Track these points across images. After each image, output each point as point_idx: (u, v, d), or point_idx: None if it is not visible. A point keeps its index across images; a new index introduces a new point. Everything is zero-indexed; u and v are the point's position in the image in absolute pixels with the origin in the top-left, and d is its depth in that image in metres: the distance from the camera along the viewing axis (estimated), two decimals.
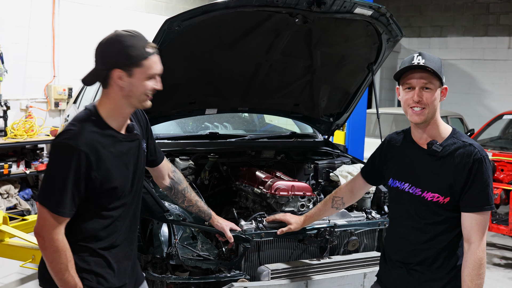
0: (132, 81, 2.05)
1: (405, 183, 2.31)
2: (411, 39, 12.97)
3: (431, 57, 2.20)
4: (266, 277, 2.93)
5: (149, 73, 2.06)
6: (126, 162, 2.13)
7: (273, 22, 3.25)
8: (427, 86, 2.18)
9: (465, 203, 2.19)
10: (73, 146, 1.97)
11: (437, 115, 2.25)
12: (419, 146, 2.30)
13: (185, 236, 3.03)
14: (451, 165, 2.19)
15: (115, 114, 2.10)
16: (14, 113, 7.31)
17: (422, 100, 2.18)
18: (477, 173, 2.16)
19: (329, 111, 4.25)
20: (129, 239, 2.26)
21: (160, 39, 2.97)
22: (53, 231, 2.00)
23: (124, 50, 2.03)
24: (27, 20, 7.40)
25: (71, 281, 2.04)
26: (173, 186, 2.61)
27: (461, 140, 2.23)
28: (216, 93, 3.76)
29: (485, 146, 7.23)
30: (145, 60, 2.04)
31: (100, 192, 2.06)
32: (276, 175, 3.66)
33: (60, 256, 2.02)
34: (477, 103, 12.10)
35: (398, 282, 2.37)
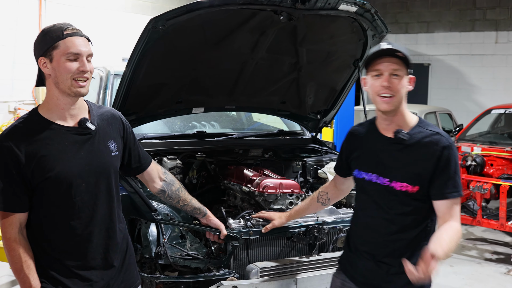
0: (54, 66, 2.04)
1: (372, 173, 2.29)
2: (398, 35, 13.02)
3: (399, 46, 2.21)
4: (255, 275, 2.92)
5: (67, 52, 2.02)
6: (68, 154, 2.08)
7: (258, 20, 3.24)
8: (396, 72, 2.17)
9: (435, 191, 2.20)
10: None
11: (404, 104, 2.24)
12: (385, 136, 2.30)
13: (173, 235, 3.03)
14: (419, 153, 2.20)
15: (52, 107, 2.09)
16: (2, 115, 7.31)
17: (392, 86, 2.17)
18: (446, 161, 2.17)
19: (316, 108, 4.25)
20: (103, 248, 2.18)
21: (145, 39, 2.96)
22: (5, 229, 2.03)
23: (42, 38, 2.06)
24: (14, 22, 7.40)
25: (26, 281, 2.04)
26: (166, 188, 2.56)
27: (428, 129, 2.24)
28: (202, 92, 3.75)
29: (474, 141, 7.28)
30: (61, 40, 2.03)
31: (40, 183, 2.03)
32: (264, 173, 3.66)
33: (14, 256, 2.03)
34: (466, 98, 12.16)
35: (365, 273, 2.34)
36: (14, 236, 2.03)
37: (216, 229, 2.83)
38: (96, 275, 2.16)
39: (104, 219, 2.18)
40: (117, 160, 2.26)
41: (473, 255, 6.18)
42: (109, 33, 8.41)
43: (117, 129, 2.28)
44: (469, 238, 6.83)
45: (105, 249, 2.19)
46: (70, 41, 2.03)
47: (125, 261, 2.30)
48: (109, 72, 4.52)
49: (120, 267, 2.26)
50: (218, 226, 2.82)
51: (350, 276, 2.41)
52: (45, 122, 2.08)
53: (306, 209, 2.84)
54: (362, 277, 2.36)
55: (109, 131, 2.23)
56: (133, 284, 2.34)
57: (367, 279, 2.34)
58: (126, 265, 2.30)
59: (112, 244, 2.22)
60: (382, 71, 2.18)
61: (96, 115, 2.21)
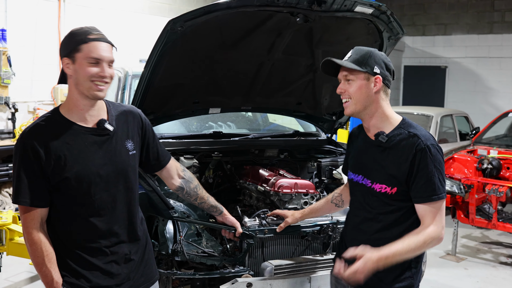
0: (75, 67, 2.11)
1: (359, 175, 2.36)
2: (415, 37, 12.97)
3: (358, 50, 2.28)
4: (270, 272, 2.97)
5: (89, 56, 2.09)
6: (87, 154, 2.14)
7: (275, 21, 3.27)
8: (348, 78, 2.26)
9: (413, 194, 2.21)
10: (19, 140, 2.09)
11: (382, 106, 2.27)
12: (368, 138, 2.35)
13: (190, 233, 3.08)
14: (395, 156, 2.22)
15: (72, 107, 2.16)
16: (22, 115, 7.40)
17: (345, 91, 2.26)
18: (420, 164, 2.17)
19: (331, 110, 4.27)
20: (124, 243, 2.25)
21: (163, 40, 3.01)
22: (27, 224, 2.10)
23: (68, 39, 2.13)
24: (34, 24, 7.50)
25: (48, 275, 2.11)
26: (184, 186, 2.61)
27: (407, 131, 2.24)
28: (219, 93, 3.79)
29: (490, 144, 7.23)
30: (85, 44, 2.09)
31: (59, 182, 2.09)
32: (279, 173, 3.70)
33: (36, 250, 2.09)
34: (483, 101, 12.08)
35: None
36: (36, 231, 2.10)
37: (232, 227, 2.87)
38: (117, 268, 2.23)
39: (124, 216, 2.25)
40: (135, 159, 2.31)
41: (488, 258, 6.16)
42: (127, 35, 8.50)
43: (136, 127, 2.34)
44: (484, 241, 6.80)
45: (125, 243, 2.26)
46: (93, 45, 2.10)
47: (145, 256, 2.36)
48: (127, 73, 4.59)
49: (140, 261, 2.32)
50: (233, 224, 2.86)
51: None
52: (65, 122, 2.15)
53: (320, 209, 2.86)
54: None
55: (127, 130, 2.29)
56: (152, 278, 2.41)
57: None
58: (145, 259, 2.36)
59: (132, 239, 2.29)
60: (340, 78, 2.31)
61: (114, 115, 2.27)
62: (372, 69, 2.24)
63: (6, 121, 7.23)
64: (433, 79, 12.79)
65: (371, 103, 2.26)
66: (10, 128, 7.14)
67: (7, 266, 4.79)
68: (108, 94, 4.73)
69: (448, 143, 8.28)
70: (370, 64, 2.24)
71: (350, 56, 2.27)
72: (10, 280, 4.90)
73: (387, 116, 2.29)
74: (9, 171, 6.60)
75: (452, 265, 5.87)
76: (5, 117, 7.20)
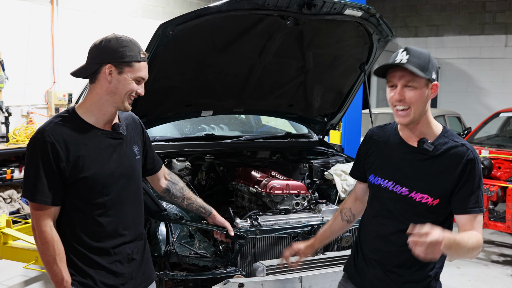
0: (120, 78, 2.14)
1: (389, 181, 2.18)
2: (408, 39, 13.03)
3: (417, 52, 2.06)
4: (261, 273, 3.00)
5: (137, 75, 2.16)
6: (103, 156, 2.19)
7: (265, 24, 3.31)
8: (410, 84, 2.03)
9: (456, 205, 2.10)
10: (39, 138, 2.10)
11: (427, 113, 2.11)
12: (407, 144, 2.17)
13: (182, 234, 3.11)
14: (443, 165, 2.08)
15: (94, 109, 2.19)
16: (16, 119, 7.38)
17: (405, 99, 2.04)
18: (470, 174, 2.06)
19: (323, 111, 4.32)
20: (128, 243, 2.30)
21: (155, 44, 3.04)
22: (40, 222, 2.11)
23: (120, 48, 2.14)
24: (27, 27, 7.48)
25: (58, 274, 2.13)
26: (171, 187, 2.66)
27: (453, 140, 2.11)
28: (211, 95, 3.82)
29: (482, 144, 7.28)
30: (137, 63, 2.16)
31: (75, 181, 2.12)
32: (271, 174, 3.73)
33: (48, 248, 2.11)
34: (475, 102, 12.14)
35: (374, 282, 2.27)
36: (48, 229, 2.12)
37: (223, 228, 2.89)
38: (121, 268, 2.27)
39: (129, 217, 2.31)
40: (140, 163, 2.39)
41: (480, 257, 6.19)
42: None
43: (139, 133, 2.41)
44: None
45: (129, 244, 2.30)
46: (143, 66, 2.19)
47: (144, 255, 2.42)
48: None
49: (141, 260, 2.38)
50: (224, 225, 2.88)
51: (357, 284, 2.35)
52: (83, 124, 2.18)
53: (332, 231, 2.56)
54: (370, 286, 2.29)
55: (133, 135, 2.36)
56: (150, 276, 2.46)
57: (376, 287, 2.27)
58: (145, 258, 2.42)
59: (135, 240, 2.34)
60: (395, 82, 2.07)
61: (123, 120, 2.34)
62: (431, 75, 2.06)
63: (0, 125, 7.23)
64: None
65: (424, 111, 2.09)
66: (4, 132, 7.12)
67: (1, 270, 4.79)
68: None
69: None
70: (430, 70, 2.06)
71: (409, 60, 2.03)
72: (4, 284, 4.89)
73: (430, 123, 2.14)
74: (3, 175, 6.60)
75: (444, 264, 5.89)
76: None
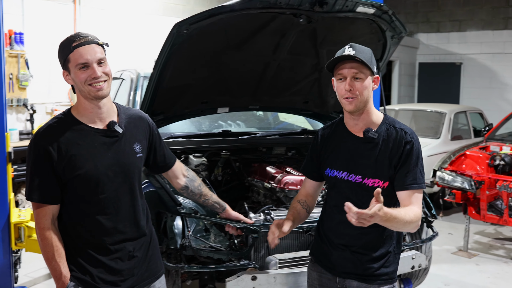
0: (72, 76, 2.20)
1: (343, 171, 2.39)
2: (430, 34, 12.92)
3: (361, 48, 2.30)
4: (274, 266, 3.06)
5: (77, 63, 2.17)
6: (96, 154, 2.23)
7: (278, 22, 3.35)
8: (357, 76, 2.27)
9: (396, 183, 2.32)
10: (33, 140, 2.20)
11: (370, 103, 2.35)
12: (354, 135, 2.40)
13: (198, 228, 3.18)
14: (387, 150, 2.32)
15: (82, 110, 2.26)
16: (40, 116, 7.56)
17: (354, 89, 2.27)
18: (408, 154, 2.30)
19: (338, 108, 4.33)
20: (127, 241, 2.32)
21: (170, 43, 3.11)
22: (39, 219, 2.19)
23: (59, 53, 2.22)
24: (50, 26, 7.64)
25: (57, 269, 2.20)
26: (189, 184, 2.69)
27: (393, 126, 2.36)
28: (227, 93, 3.88)
29: (503, 141, 7.21)
30: (71, 53, 2.17)
31: (69, 180, 2.19)
32: (286, 170, 3.79)
33: (47, 245, 2.19)
34: (498, 97, 11.99)
35: (341, 262, 2.44)
36: (47, 227, 2.20)
37: (237, 222, 2.96)
38: (121, 265, 2.30)
39: (128, 214, 2.33)
40: (141, 161, 2.41)
41: (500, 254, 6.16)
42: (142, 36, 8.63)
43: (144, 131, 2.43)
44: (496, 237, 6.80)
45: (129, 241, 2.33)
46: (77, 52, 2.17)
47: (149, 252, 2.43)
48: (139, 74, 4.72)
49: (144, 257, 2.39)
50: (238, 218, 2.94)
51: (326, 267, 2.50)
52: (77, 124, 2.24)
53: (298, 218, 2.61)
54: (338, 267, 2.45)
55: (136, 133, 2.38)
56: (157, 273, 2.48)
57: (344, 267, 2.44)
58: (149, 255, 2.43)
59: (136, 237, 2.36)
60: (345, 75, 2.29)
61: (124, 118, 2.36)
62: (374, 68, 2.33)
63: (25, 122, 7.41)
64: (448, 75, 12.73)
65: (368, 101, 2.35)
66: (29, 129, 7.31)
67: (27, 262, 4.91)
68: (121, 95, 4.88)
69: (462, 139, 8.27)
70: (373, 63, 2.32)
71: (355, 54, 2.26)
72: (29, 275, 5.03)
73: (372, 113, 2.38)
74: None
75: (463, 261, 5.89)
76: (23, 118, 7.38)
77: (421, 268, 3.54)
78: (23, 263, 4.55)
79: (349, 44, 2.32)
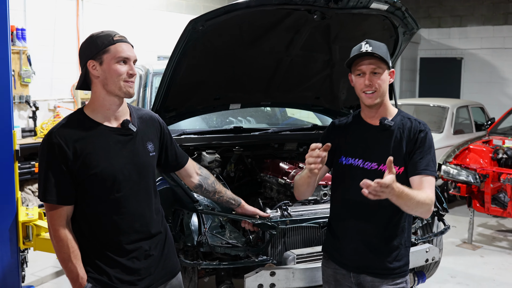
0: (104, 68, 2.18)
1: (359, 159, 2.44)
2: (431, 29, 12.94)
3: (377, 44, 2.39)
4: (292, 261, 3.08)
5: (117, 56, 2.18)
6: (111, 153, 2.21)
7: (293, 19, 3.35)
8: (376, 71, 2.37)
9: (409, 169, 2.38)
10: (47, 140, 2.16)
11: (386, 97, 2.45)
12: (371, 125, 2.48)
13: (214, 225, 3.19)
14: (403, 137, 2.41)
15: (98, 107, 2.23)
16: (43, 113, 7.52)
17: (373, 84, 2.37)
18: (421, 142, 2.39)
19: (349, 103, 4.35)
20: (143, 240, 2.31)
21: (185, 39, 3.10)
22: (54, 221, 2.17)
23: (92, 43, 2.21)
24: (53, 22, 7.61)
25: (74, 270, 2.19)
26: (203, 182, 2.69)
27: (407, 117, 2.47)
28: (239, 89, 3.88)
29: (505, 134, 7.27)
30: (112, 46, 2.19)
31: (85, 179, 2.17)
32: (299, 166, 3.80)
33: (63, 246, 2.17)
34: (499, 92, 12.03)
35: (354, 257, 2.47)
36: (62, 228, 2.18)
37: (254, 218, 2.97)
38: (138, 264, 2.29)
39: (144, 213, 2.32)
40: (154, 160, 2.40)
41: (504, 246, 6.22)
42: (145, 32, 8.61)
43: (155, 131, 2.43)
44: (500, 229, 6.86)
45: (145, 240, 2.32)
46: (120, 46, 2.20)
47: (164, 250, 2.42)
48: (148, 71, 4.70)
49: (160, 256, 2.39)
50: (254, 212, 2.95)
51: (340, 263, 2.54)
52: (91, 122, 2.22)
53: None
54: (352, 262, 2.49)
55: (148, 132, 2.38)
56: (173, 270, 2.48)
57: (357, 262, 2.48)
58: (165, 254, 2.43)
59: (151, 236, 2.35)
60: (364, 70, 2.38)
61: (136, 118, 2.36)
62: (390, 63, 2.43)
63: (27, 119, 7.36)
64: (449, 70, 12.76)
65: (385, 94, 2.44)
66: (32, 126, 7.27)
67: (34, 261, 4.90)
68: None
69: (464, 134, 8.30)
70: (388, 58, 2.42)
71: (373, 50, 2.35)
72: (36, 275, 5.02)
73: (388, 105, 2.48)
74: (31, 169, 6.72)
75: (468, 253, 5.94)
76: (26, 115, 7.33)
77: (434, 261, 3.57)
78: (30, 262, 4.55)
79: (365, 40, 2.41)
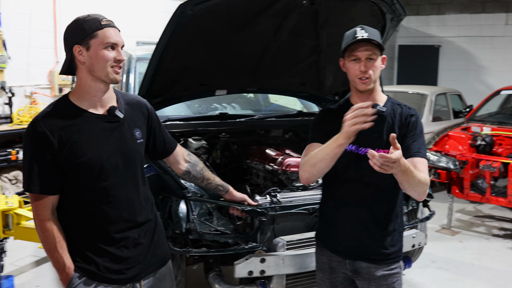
0: (90, 54, 2.12)
1: (352, 145, 2.41)
2: (410, 17, 12.97)
3: (372, 30, 2.39)
4: (282, 248, 3.07)
5: (105, 42, 2.12)
6: (99, 140, 2.16)
7: (281, 4, 3.32)
8: (371, 57, 2.36)
9: (402, 151, 2.29)
10: (31, 129, 2.10)
11: (378, 83, 2.46)
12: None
13: (202, 212, 3.17)
14: (394, 121, 2.43)
15: (84, 94, 2.17)
16: (19, 99, 7.36)
17: (368, 70, 2.37)
18: (412, 126, 2.42)
19: (334, 90, 4.35)
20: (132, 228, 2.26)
21: (174, 23, 3.05)
22: (39, 211, 2.13)
23: (79, 27, 2.14)
24: (29, 6, 7.43)
25: (60, 260, 2.15)
26: (191, 169, 2.66)
27: (397, 103, 2.50)
28: (225, 75, 3.84)
29: (483, 121, 7.38)
30: (100, 31, 2.12)
31: (72, 168, 2.12)
32: (285, 152, 3.79)
33: (48, 236, 2.13)
34: (476, 80, 12.18)
35: (349, 243, 2.48)
36: (47, 218, 2.13)
37: (242, 204, 2.95)
38: (126, 253, 2.25)
39: (132, 201, 2.27)
40: (142, 147, 2.35)
41: (481, 231, 6.35)
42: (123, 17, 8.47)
43: (142, 116, 2.37)
44: (477, 215, 6.98)
45: (133, 229, 2.28)
46: (108, 31, 2.13)
47: (154, 238, 2.38)
48: (131, 56, 4.61)
49: (149, 244, 2.35)
50: (243, 198, 2.94)
51: (334, 250, 2.53)
52: (76, 109, 2.16)
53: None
54: (347, 248, 2.49)
55: (135, 119, 2.32)
56: (164, 258, 2.45)
57: (352, 248, 2.48)
58: (155, 241, 2.39)
59: (140, 224, 2.31)
60: (359, 56, 2.37)
61: (123, 103, 2.30)
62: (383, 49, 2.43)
63: (3, 105, 7.18)
64: (427, 58, 12.85)
65: (377, 80, 2.45)
66: (7, 112, 7.12)
67: (12, 250, 4.82)
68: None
69: (442, 121, 8.40)
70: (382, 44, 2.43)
71: (369, 36, 2.34)
72: (15, 264, 4.95)
73: (379, 92, 2.50)
74: (8, 156, 6.61)
75: (447, 238, 6.04)
76: (1, 101, 7.15)
77: (420, 246, 3.60)
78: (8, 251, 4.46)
79: (359, 26, 2.39)
